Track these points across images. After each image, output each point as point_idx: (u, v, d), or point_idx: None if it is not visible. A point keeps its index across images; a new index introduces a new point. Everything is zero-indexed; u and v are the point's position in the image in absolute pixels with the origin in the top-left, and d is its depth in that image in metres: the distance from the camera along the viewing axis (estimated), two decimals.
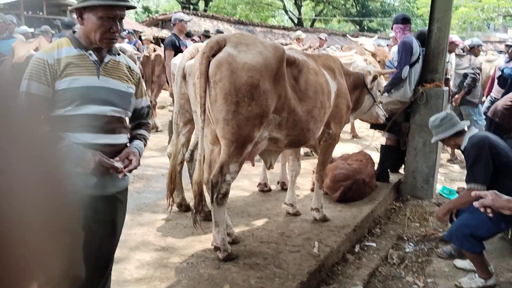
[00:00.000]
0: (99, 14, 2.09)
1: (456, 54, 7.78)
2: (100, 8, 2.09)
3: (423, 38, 5.72)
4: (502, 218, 3.04)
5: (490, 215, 2.30)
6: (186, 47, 6.42)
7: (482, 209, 2.29)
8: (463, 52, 8.05)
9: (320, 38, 11.90)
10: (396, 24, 5.65)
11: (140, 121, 2.50)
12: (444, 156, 7.67)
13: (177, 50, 6.52)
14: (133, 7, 2.33)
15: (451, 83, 7.80)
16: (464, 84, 7.31)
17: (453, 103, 7.45)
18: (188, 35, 9.79)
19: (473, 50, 7.81)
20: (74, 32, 2.65)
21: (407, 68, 5.39)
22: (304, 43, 11.02)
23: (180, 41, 6.79)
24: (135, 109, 2.43)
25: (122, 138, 2.31)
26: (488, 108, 6.30)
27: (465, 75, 7.36)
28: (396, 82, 5.49)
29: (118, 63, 2.30)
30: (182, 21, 7.00)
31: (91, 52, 2.17)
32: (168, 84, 7.14)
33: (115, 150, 2.23)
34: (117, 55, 2.31)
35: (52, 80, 2.08)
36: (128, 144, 2.37)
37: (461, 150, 3.79)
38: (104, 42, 2.15)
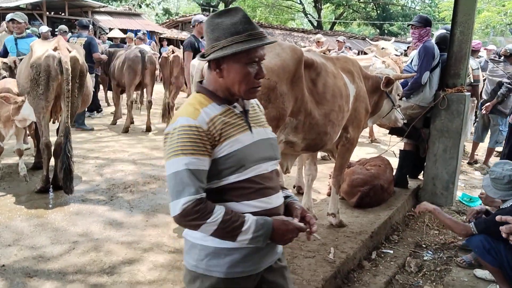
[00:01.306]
0: (243, 61, 1.73)
1: (490, 59, 7.58)
2: (244, 53, 1.72)
3: (442, 42, 5.60)
4: None
5: None
6: None
7: (505, 235, 2.13)
8: (499, 58, 7.74)
9: (338, 41, 11.85)
10: (423, 27, 5.37)
11: None
12: (465, 162, 7.53)
13: (196, 51, 6.53)
14: (274, 41, 2.00)
15: (483, 89, 7.63)
16: (499, 93, 7.14)
17: (483, 111, 7.29)
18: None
19: (510, 57, 7.38)
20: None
21: (427, 74, 5.27)
22: (323, 46, 11.00)
23: (200, 43, 6.80)
24: None
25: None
26: None
27: (500, 84, 7.17)
28: (415, 87, 5.37)
29: (254, 107, 1.96)
30: (202, 22, 7.00)
31: (235, 104, 1.84)
32: (186, 85, 7.15)
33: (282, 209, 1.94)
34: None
35: (211, 148, 1.72)
36: None
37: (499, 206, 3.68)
38: (250, 92, 1.80)
